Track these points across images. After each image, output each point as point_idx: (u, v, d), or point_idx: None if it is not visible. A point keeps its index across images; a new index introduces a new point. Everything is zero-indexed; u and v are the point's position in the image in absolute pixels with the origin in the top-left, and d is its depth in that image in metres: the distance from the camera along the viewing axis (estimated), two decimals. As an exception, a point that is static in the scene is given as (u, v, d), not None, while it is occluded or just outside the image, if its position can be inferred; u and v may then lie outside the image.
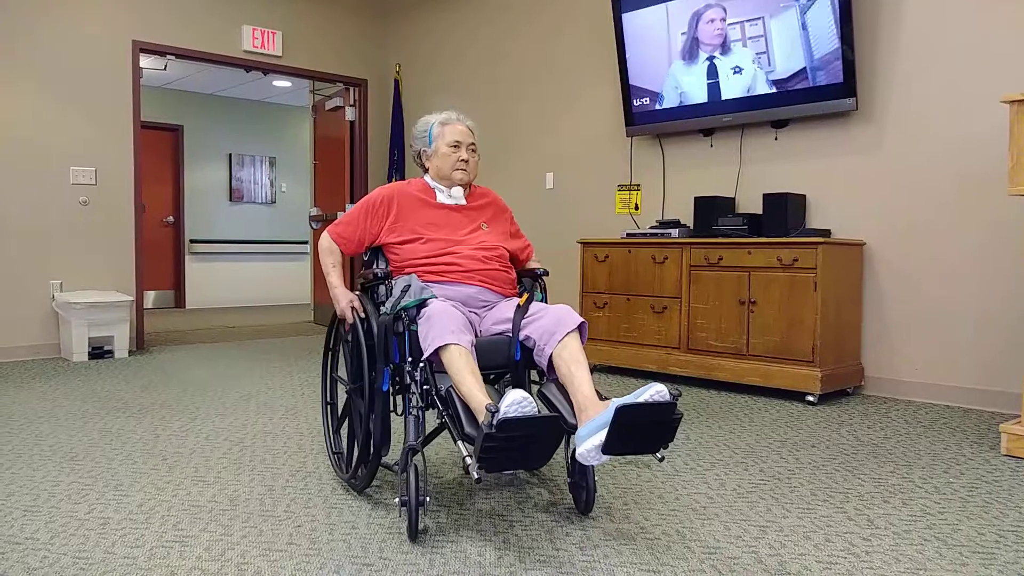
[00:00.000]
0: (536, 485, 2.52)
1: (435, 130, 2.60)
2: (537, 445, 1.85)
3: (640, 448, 1.94)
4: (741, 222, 4.28)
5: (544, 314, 2.25)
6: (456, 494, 2.43)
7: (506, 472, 2.57)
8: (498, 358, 2.26)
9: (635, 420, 1.86)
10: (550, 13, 5.74)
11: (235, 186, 10.04)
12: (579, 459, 1.93)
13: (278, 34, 6.38)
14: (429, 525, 2.16)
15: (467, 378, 2.03)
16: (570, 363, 2.12)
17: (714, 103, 4.60)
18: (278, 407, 3.73)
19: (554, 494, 2.43)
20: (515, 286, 2.56)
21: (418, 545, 2.01)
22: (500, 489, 2.47)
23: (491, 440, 1.76)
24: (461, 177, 2.57)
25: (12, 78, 5.15)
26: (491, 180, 6.15)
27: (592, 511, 2.26)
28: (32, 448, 2.95)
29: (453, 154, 2.56)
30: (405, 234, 2.49)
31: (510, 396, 1.79)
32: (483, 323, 2.39)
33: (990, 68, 3.74)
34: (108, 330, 5.27)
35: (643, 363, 4.51)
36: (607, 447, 1.87)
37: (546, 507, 2.30)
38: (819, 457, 2.90)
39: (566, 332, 2.17)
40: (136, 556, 1.94)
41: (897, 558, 1.96)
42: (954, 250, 3.87)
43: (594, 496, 2.24)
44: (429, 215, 2.52)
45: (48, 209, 5.31)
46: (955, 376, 3.87)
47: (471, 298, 2.41)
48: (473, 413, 1.99)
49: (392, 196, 2.55)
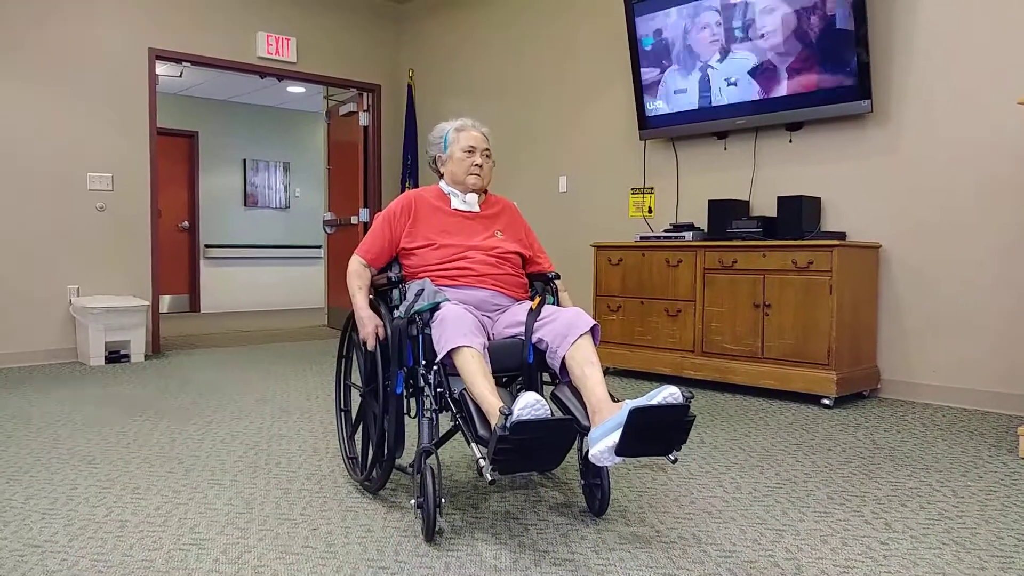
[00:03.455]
0: (549, 487, 2.51)
1: (450, 136, 2.62)
2: (550, 447, 1.86)
3: (653, 450, 1.95)
4: (755, 225, 4.26)
5: (557, 317, 2.26)
6: (470, 496, 2.43)
7: (519, 474, 2.57)
8: (511, 361, 2.27)
9: (648, 422, 1.86)
10: (563, 17, 5.74)
11: (250, 191, 10.10)
12: (592, 460, 1.94)
13: (292, 40, 6.42)
14: (443, 526, 2.17)
15: (479, 381, 2.04)
16: (583, 365, 2.13)
17: (728, 106, 4.59)
18: (293, 410, 3.75)
19: (567, 496, 2.43)
20: (527, 290, 2.58)
21: (433, 548, 2.01)
22: (514, 491, 2.47)
23: (504, 442, 1.77)
24: (475, 182, 2.58)
25: (30, 85, 5.20)
26: (505, 184, 6.15)
27: (607, 513, 2.26)
28: (50, 452, 2.98)
29: (467, 159, 2.57)
30: (419, 240, 2.50)
31: (523, 399, 1.80)
32: (496, 326, 2.40)
33: (1007, 69, 3.72)
34: (125, 334, 5.31)
35: (657, 366, 4.50)
36: (620, 449, 1.88)
37: (560, 509, 2.30)
38: (835, 460, 2.88)
39: (579, 335, 2.19)
40: (154, 559, 1.95)
41: (915, 562, 1.95)
42: (971, 252, 3.84)
43: (608, 497, 2.24)
44: (443, 222, 2.54)
45: (65, 215, 5.36)
46: (972, 379, 3.84)
47: (484, 302, 2.42)
48: (486, 415, 2.00)
49: (410, 202, 2.57)
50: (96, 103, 5.46)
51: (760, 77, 4.41)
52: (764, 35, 4.34)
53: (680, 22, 4.72)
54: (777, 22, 4.27)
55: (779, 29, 4.27)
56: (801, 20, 4.18)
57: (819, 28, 4.12)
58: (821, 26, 4.11)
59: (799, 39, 4.21)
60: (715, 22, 4.54)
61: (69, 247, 5.38)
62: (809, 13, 4.14)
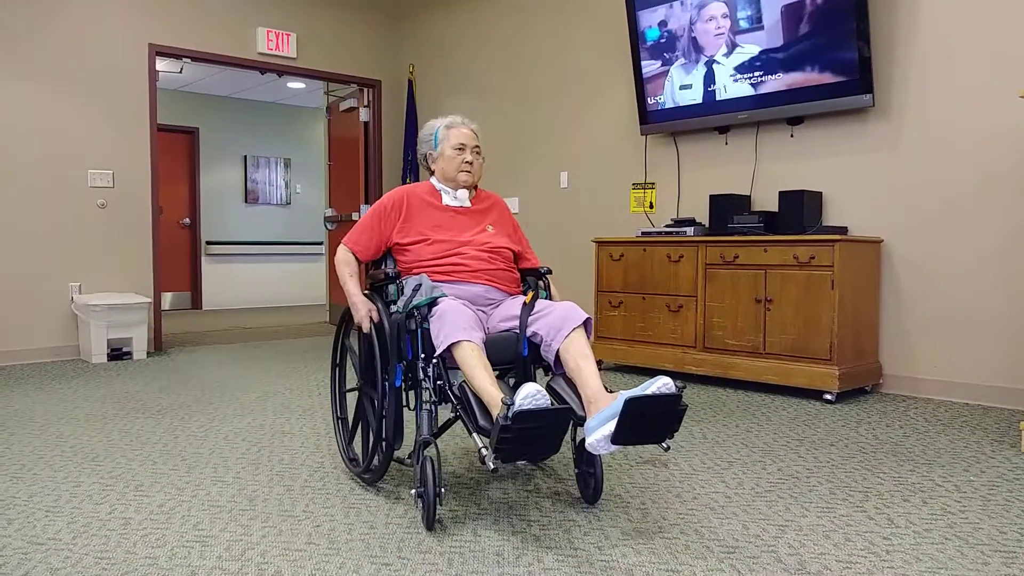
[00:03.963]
0: (542, 478, 2.52)
1: (440, 133, 2.69)
2: (549, 435, 1.92)
3: (647, 438, 2.00)
4: (757, 220, 4.26)
5: (551, 311, 2.31)
6: (467, 486, 2.44)
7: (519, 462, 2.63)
8: (506, 354, 2.33)
9: (643, 411, 1.93)
10: (565, 13, 5.73)
11: (250, 187, 10.10)
12: (589, 449, 2.00)
13: (293, 36, 6.41)
14: (443, 516, 2.20)
15: (480, 373, 2.09)
16: (577, 357, 2.19)
17: (729, 100, 4.58)
18: (295, 407, 3.75)
19: (562, 485, 2.43)
20: (519, 285, 2.64)
21: (436, 543, 2.02)
22: (511, 480, 2.48)
23: (507, 431, 1.82)
24: (466, 179, 2.64)
25: (30, 82, 5.20)
26: (506, 180, 6.15)
27: (609, 508, 2.26)
28: (53, 449, 2.98)
29: (458, 156, 2.64)
30: (412, 235, 2.56)
31: (524, 389, 1.86)
32: (490, 320, 2.45)
33: (1008, 63, 3.71)
34: (127, 332, 5.31)
35: (659, 362, 4.50)
36: (616, 437, 1.93)
37: (558, 499, 2.30)
38: (838, 456, 2.88)
39: (572, 328, 2.25)
40: (157, 556, 1.95)
41: (918, 557, 1.95)
42: (973, 247, 3.83)
43: (601, 485, 2.31)
44: (436, 217, 2.60)
45: (66, 212, 5.36)
46: (974, 374, 3.84)
47: (478, 296, 2.48)
48: (486, 406, 2.05)
49: (402, 198, 2.63)
50: (96, 100, 5.46)
51: (762, 71, 4.40)
52: (766, 29, 4.33)
53: (684, 14, 4.71)
54: (778, 16, 4.26)
55: (780, 23, 4.26)
56: (802, 14, 4.17)
57: (820, 22, 4.11)
58: (823, 20, 4.10)
59: (801, 33, 4.20)
60: (721, 14, 4.53)
61: (70, 244, 5.38)
62: (810, 7, 4.13)
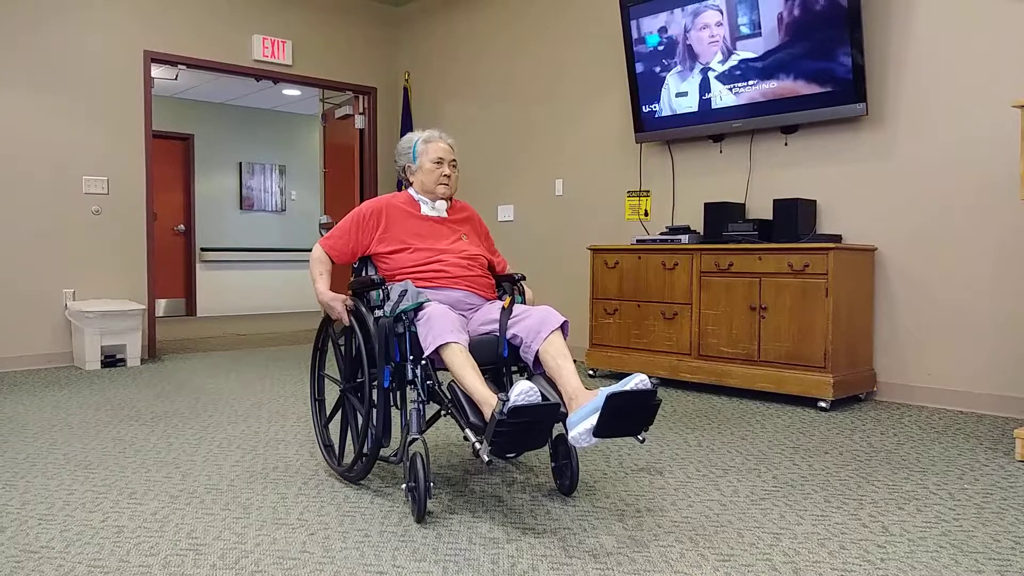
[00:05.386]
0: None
1: (419, 147, 2.82)
2: (540, 429, 2.05)
3: (625, 430, 2.12)
4: (751, 228, 4.27)
5: (529, 314, 2.45)
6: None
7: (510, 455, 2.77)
8: (487, 355, 2.46)
9: (622, 406, 2.04)
10: (559, 21, 5.75)
11: (245, 194, 10.09)
12: (572, 442, 2.11)
13: (288, 43, 6.42)
14: (433, 508, 2.32)
15: (469, 373, 2.22)
16: (557, 357, 2.32)
17: (724, 109, 4.60)
18: (290, 415, 3.74)
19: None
20: (495, 291, 2.78)
21: (432, 552, 2.01)
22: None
23: (503, 425, 1.95)
24: (444, 191, 2.80)
25: (24, 88, 5.19)
26: (501, 187, 6.17)
27: (603, 517, 2.26)
28: (46, 456, 2.97)
29: (436, 170, 2.78)
30: (393, 244, 2.70)
31: (518, 387, 1.98)
32: (470, 324, 2.58)
33: (1002, 72, 3.73)
34: (121, 338, 5.30)
35: (654, 369, 4.50)
36: (598, 430, 2.04)
37: (559, 510, 2.30)
38: (832, 463, 2.88)
39: (551, 330, 2.38)
40: (151, 565, 1.95)
41: (912, 565, 1.95)
42: (967, 255, 3.85)
43: (577, 477, 2.46)
44: (415, 226, 2.73)
45: (61, 218, 5.34)
46: (968, 382, 3.85)
47: (459, 301, 2.62)
48: (476, 404, 2.18)
49: (381, 209, 2.76)
50: (91, 106, 5.45)
51: (756, 80, 4.42)
52: (760, 38, 4.35)
53: (681, 22, 4.72)
54: (772, 24, 4.28)
55: (774, 31, 4.28)
56: (796, 23, 4.19)
57: (814, 31, 4.12)
58: (816, 29, 4.12)
59: (794, 42, 4.22)
60: (715, 22, 4.55)
61: (65, 251, 5.37)
62: (804, 16, 4.15)
